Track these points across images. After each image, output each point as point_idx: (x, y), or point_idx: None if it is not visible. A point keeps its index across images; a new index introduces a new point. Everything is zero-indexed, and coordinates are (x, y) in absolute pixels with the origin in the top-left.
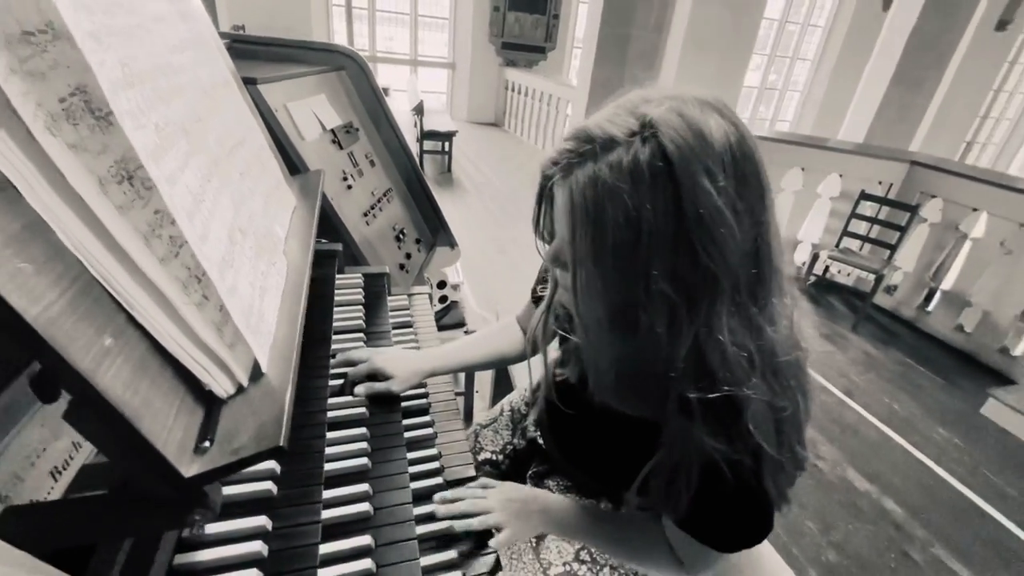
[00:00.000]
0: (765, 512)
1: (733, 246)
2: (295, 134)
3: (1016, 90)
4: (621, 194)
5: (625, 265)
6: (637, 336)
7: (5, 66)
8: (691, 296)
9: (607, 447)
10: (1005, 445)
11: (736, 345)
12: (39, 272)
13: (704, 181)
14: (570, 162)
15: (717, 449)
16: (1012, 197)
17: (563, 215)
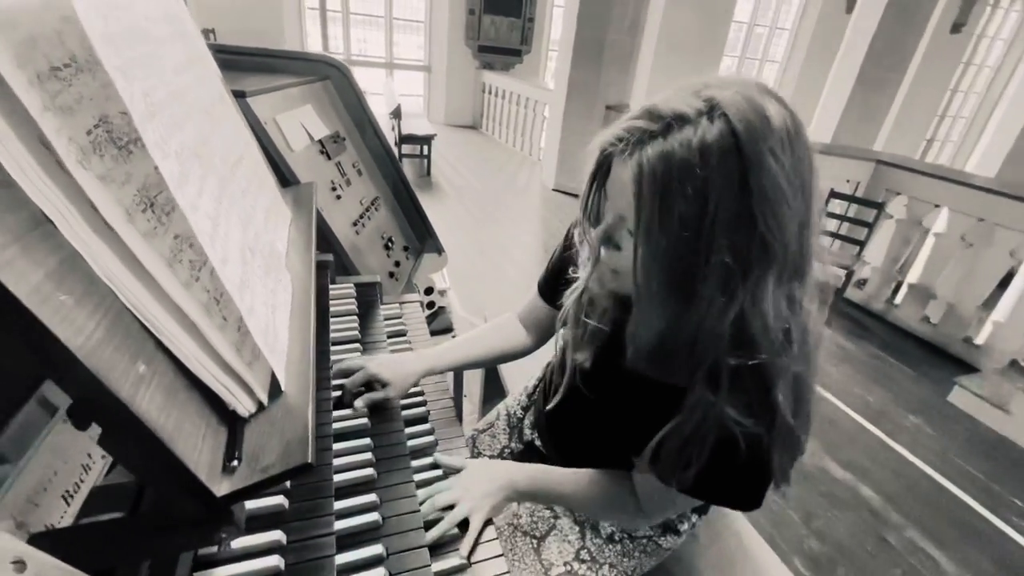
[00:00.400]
0: (761, 486)
1: (789, 222)
2: (284, 146)
3: (971, 90)
4: (692, 169)
5: (690, 236)
6: (690, 305)
7: (39, 104)
8: (746, 267)
9: (614, 433)
10: (971, 430)
11: (777, 317)
12: (78, 304)
13: (769, 159)
14: (640, 138)
15: (737, 422)
16: (970, 193)
17: (627, 189)
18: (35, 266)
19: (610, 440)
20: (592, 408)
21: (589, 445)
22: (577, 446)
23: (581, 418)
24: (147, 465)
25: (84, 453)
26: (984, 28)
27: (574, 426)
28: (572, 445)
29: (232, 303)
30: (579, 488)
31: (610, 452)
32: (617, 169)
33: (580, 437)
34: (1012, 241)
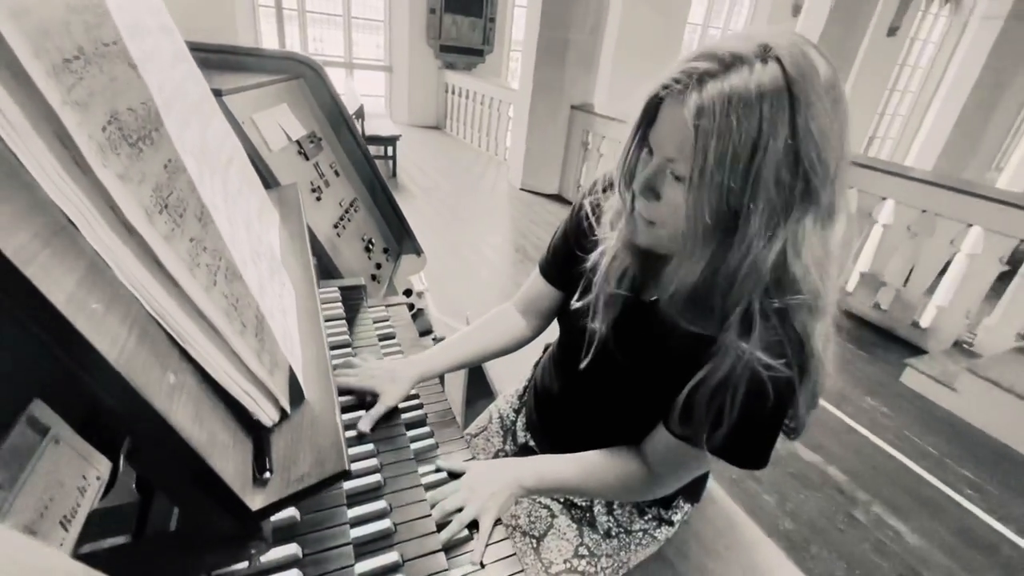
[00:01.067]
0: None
1: (827, 160)
2: (263, 146)
3: (907, 89)
4: (749, 106)
5: (742, 170)
6: (735, 243)
7: (58, 98)
8: (789, 204)
9: (640, 398)
10: (922, 408)
11: (815, 258)
12: (107, 312)
13: (816, 102)
14: (700, 77)
15: (767, 366)
16: (913, 185)
17: (679, 130)
18: (67, 272)
19: (636, 407)
20: (619, 374)
21: (595, 419)
22: (579, 422)
23: (608, 386)
24: (180, 479)
25: (79, 475)
26: (917, 31)
27: (582, 398)
28: (573, 422)
29: (248, 308)
30: (587, 472)
31: (615, 426)
32: (668, 112)
33: (587, 409)
34: (952, 231)
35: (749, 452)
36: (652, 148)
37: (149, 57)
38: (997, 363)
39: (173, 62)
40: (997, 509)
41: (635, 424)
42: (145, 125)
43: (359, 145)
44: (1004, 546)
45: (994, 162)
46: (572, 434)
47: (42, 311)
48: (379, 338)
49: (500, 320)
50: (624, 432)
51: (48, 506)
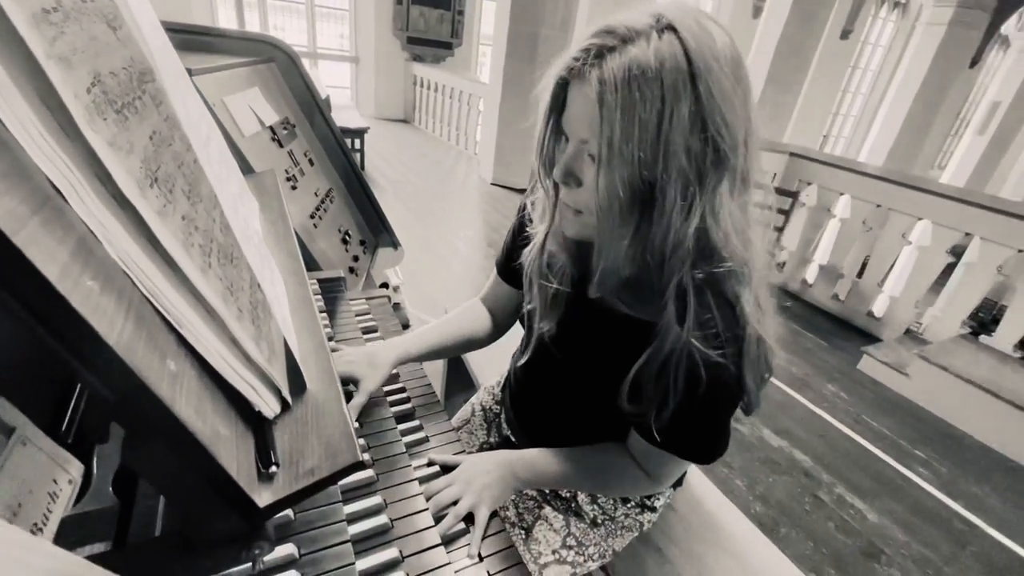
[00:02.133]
0: (726, 431)
1: (733, 125)
2: (236, 131)
3: (858, 91)
4: (649, 75)
5: (652, 140)
6: (653, 217)
7: (42, 51)
8: (702, 173)
9: (587, 391)
10: (878, 393)
11: (735, 227)
12: (103, 291)
13: (714, 66)
14: (599, 52)
15: (700, 350)
16: (868, 182)
17: (588, 109)
18: (59, 244)
19: (584, 401)
20: (562, 370)
21: (561, 413)
22: (548, 418)
23: (551, 382)
24: (181, 476)
25: (49, 479)
26: (867, 35)
27: (544, 393)
28: (543, 418)
29: (243, 293)
30: (583, 465)
31: (582, 420)
32: (575, 94)
33: (551, 403)
34: (903, 224)
35: (694, 442)
36: (567, 134)
37: (138, 22)
38: (945, 349)
39: (150, 29)
40: (948, 486)
41: (600, 418)
42: (128, 91)
43: (333, 134)
44: (955, 520)
45: (936, 161)
46: (544, 429)
47: (33, 286)
48: (362, 331)
49: (471, 312)
50: (592, 425)
51: (16, 512)
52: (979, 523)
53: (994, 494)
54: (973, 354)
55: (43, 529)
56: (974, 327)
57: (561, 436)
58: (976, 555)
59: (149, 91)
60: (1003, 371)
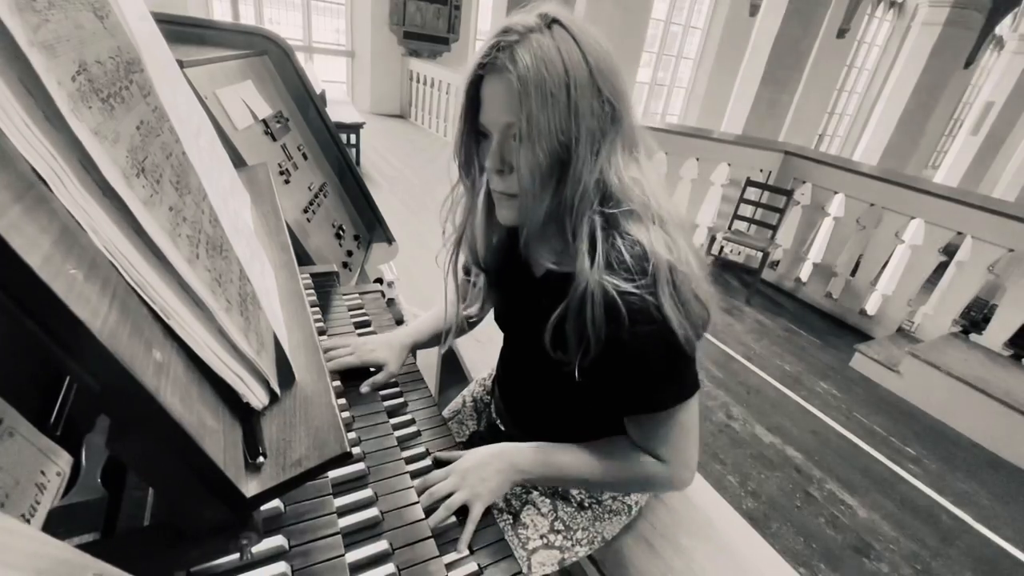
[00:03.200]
0: (681, 356)
1: (624, 92)
2: (228, 124)
3: (853, 90)
4: (552, 57)
5: (563, 108)
6: (568, 175)
7: (24, 37)
8: (603, 129)
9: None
10: (869, 391)
11: (631, 177)
12: (87, 279)
13: (592, 43)
14: (508, 45)
15: (612, 282)
16: (863, 181)
17: (507, 97)
18: (41, 232)
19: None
20: (526, 351)
21: (540, 397)
22: (531, 403)
23: (524, 366)
24: (167, 466)
25: (36, 470)
26: (863, 34)
27: (522, 378)
28: (526, 402)
29: (231, 285)
30: (591, 457)
31: (561, 401)
32: (491, 88)
33: (530, 388)
34: (896, 223)
35: (638, 389)
36: (487, 129)
37: (115, 9)
38: (936, 347)
39: (138, 19)
40: (936, 482)
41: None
42: (115, 81)
43: (327, 128)
44: (943, 515)
45: (930, 161)
46: (528, 414)
47: (15, 273)
48: (355, 326)
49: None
50: (572, 407)
51: (4, 503)
52: (967, 518)
53: (982, 490)
54: (964, 352)
55: (31, 520)
56: (965, 326)
57: (545, 421)
58: (964, 550)
59: (137, 81)
60: (993, 369)
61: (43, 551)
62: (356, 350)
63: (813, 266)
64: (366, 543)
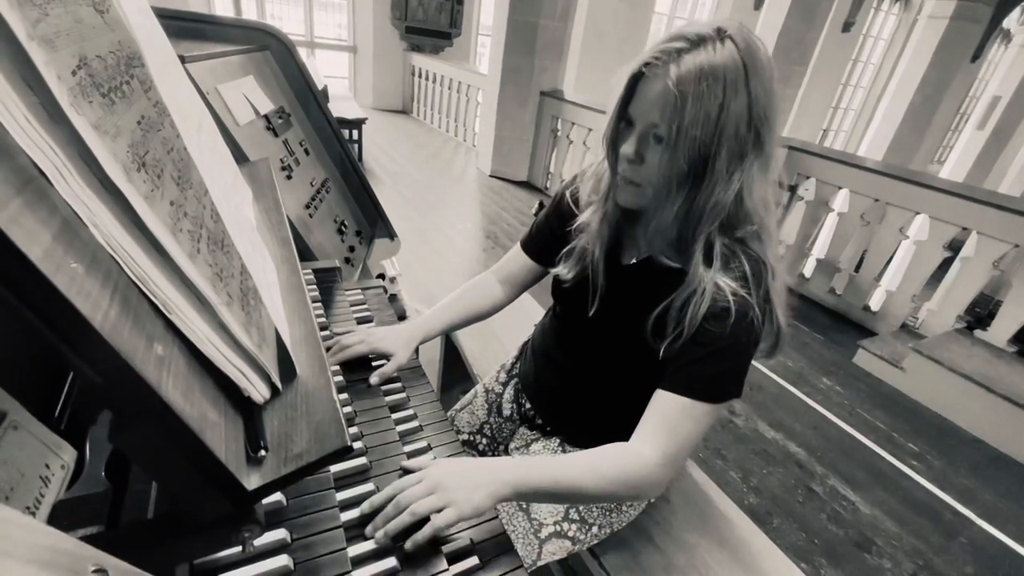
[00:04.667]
0: (746, 365)
1: (769, 115)
2: (230, 120)
3: (858, 84)
4: (715, 74)
5: (712, 125)
6: (702, 186)
7: (24, 32)
8: (743, 152)
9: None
10: (873, 387)
11: (761, 197)
12: (88, 274)
13: (761, 72)
14: (676, 52)
15: (728, 283)
16: (867, 176)
17: (660, 99)
18: (42, 226)
19: (613, 356)
20: (592, 329)
21: (586, 374)
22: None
23: (580, 342)
24: (169, 459)
25: (41, 464)
26: (869, 28)
27: (571, 354)
28: (566, 382)
29: (233, 279)
30: (580, 466)
31: (613, 364)
32: (648, 86)
33: (577, 365)
34: (901, 219)
35: (711, 379)
36: (633, 119)
37: (115, 4)
38: (940, 343)
39: (139, 14)
40: (940, 479)
41: (627, 381)
42: (115, 76)
43: (329, 123)
44: (946, 512)
45: (936, 155)
46: (571, 395)
47: (16, 267)
48: (357, 321)
49: (482, 286)
50: (617, 392)
51: (9, 496)
52: (970, 515)
53: (985, 487)
54: (968, 348)
55: (35, 512)
56: (970, 322)
57: (590, 392)
58: (966, 546)
59: (138, 76)
60: (997, 365)
61: (46, 543)
62: (365, 338)
63: (817, 262)
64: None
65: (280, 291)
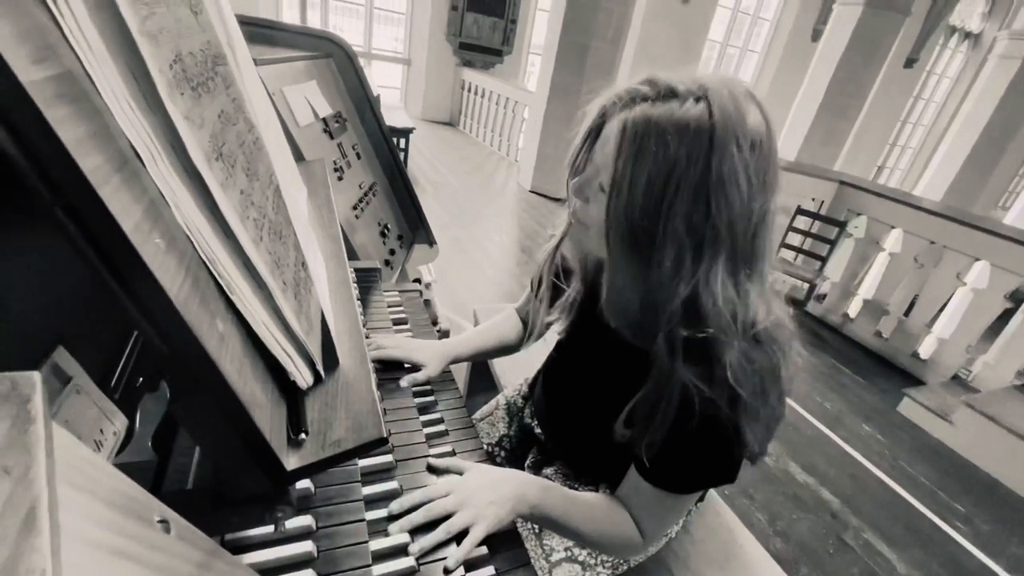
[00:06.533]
0: (729, 458)
1: (740, 213)
2: (291, 120)
3: (919, 122)
4: (666, 136)
5: (654, 198)
6: (650, 266)
7: (135, 27)
8: (698, 245)
9: (594, 395)
10: (917, 439)
11: (725, 299)
12: (168, 250)
13: (733, 150)
14: (632, 98)
15: (696, 386)
16: (924, 217)
17: (611, 142)
18: (135, 202)
19: (593, 404)
20: (577, 367)
21: (575, 411)
22: (569, 416)
23: (569, 383)
24: (219, 432)
25: (97, 428)
26: (933, 65)
27: (564, 392)
28: (564, 414)
29: (288, 269)
30: (587, 511)
31: (594, 421)
32: (608, 126)
33: (570, 402)
34: (958, 264)
35: (670, 470)
36: (593, 154)
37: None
38: (995, 399)
39: (225, 17)
40: (988, 544)
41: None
42: (203, 72)
43: (381, 130)
44: None
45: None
46: (565, 426)
47: (111, 235)
48: (393, 322)
49: (508, 322)
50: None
51: None
52: None
53: None
54: None
55: None
56: None
57: (584, 435)
58: None
59: (221, 73)
60: None
61: (122, 488)
62: (401, 345)
63: (863, 302)
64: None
65: (328, 284)
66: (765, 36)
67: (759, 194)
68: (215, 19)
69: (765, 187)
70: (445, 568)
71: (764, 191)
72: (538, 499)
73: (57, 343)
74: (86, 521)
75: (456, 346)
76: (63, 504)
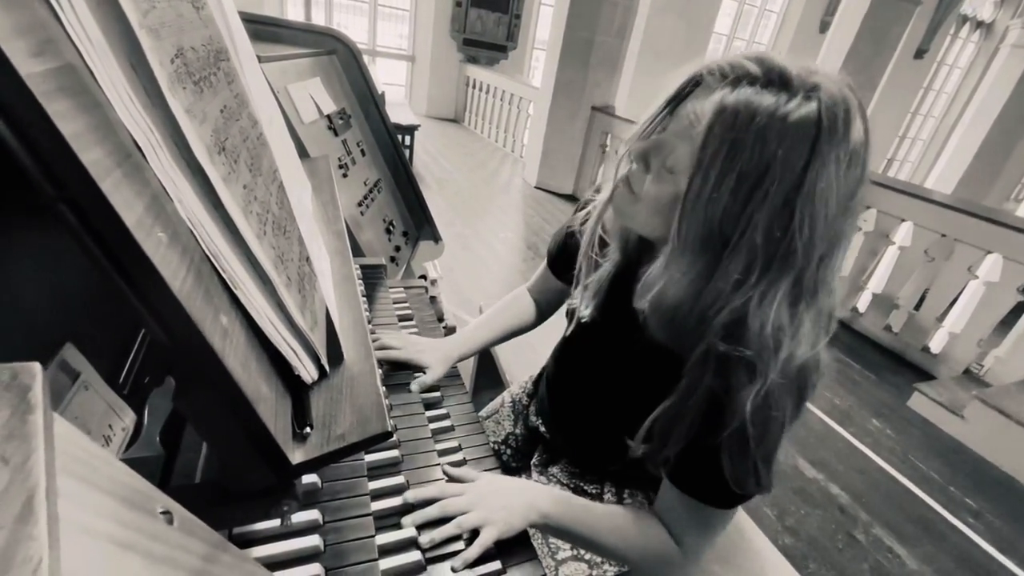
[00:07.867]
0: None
1: (820, 234)
2: (296, 117)
3: (929, 113)
4: (766, 131)
5: (740, 197)
6: (714, 270)
7: (136, 21)
8: (768, 260)
9: (612, 395)
10: (929, 434)
11: (775, 327)
12: (170, 244)
13: (832, 163)
14: (739, 76)
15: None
16: (934, 209)
17: (702, 121)
18: (136, 197)
19: (606, 399)
20: (595, 358)
21: (585, 405)
22: (579, 410)
23: (584, 373)
24: (224, 427)
25: (105, 424)
26: (944, 55)
27: (577, 383)
28: (574, 409)
29: (292, 264)
30: (608, 520)
31: (604, 416)
32: (699, 98)
33: (583, 395)
34: (970, 257)
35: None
36: (672, 124)
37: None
38: (1008, 393)
39: (227, 13)
40: (1000, 540)
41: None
42: (205, 67)
43: (385, 127)
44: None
45: (1012, 193)
46: (574, 420)
47: (113, 229)
48: (398, 318)
49: (517, 302)
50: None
51: None
52: None
53: None
54: None
55: None
56: None
57: (593, 429)
58: None
59: (223, 69)
60: None
61: (123, 479)
62: (405, 346)
63: (872, 296)
64: (396, 528)
65: (332, 280)
66: (772, 28)
67: (842, 217)
68: (217, 15)
69: (848, 212)
70: (452, 568)
71: (847, 215)
72: (550, 508)
73: (66, 339)
74: (86, 511)
75: (461, 345)
76: (63, 494)
